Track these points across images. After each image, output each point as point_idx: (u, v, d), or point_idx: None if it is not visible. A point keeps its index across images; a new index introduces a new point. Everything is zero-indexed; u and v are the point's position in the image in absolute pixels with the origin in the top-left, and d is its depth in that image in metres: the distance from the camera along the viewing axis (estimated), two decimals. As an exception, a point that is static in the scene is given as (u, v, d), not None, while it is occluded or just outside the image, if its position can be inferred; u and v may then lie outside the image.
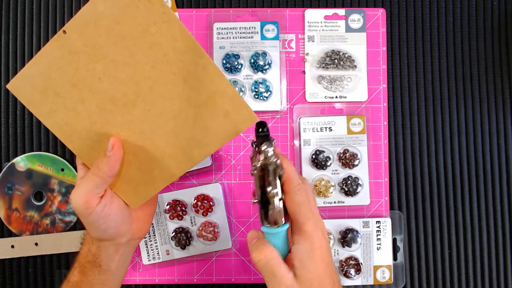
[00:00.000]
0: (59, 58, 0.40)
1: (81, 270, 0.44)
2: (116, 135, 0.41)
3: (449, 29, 0.61)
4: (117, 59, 0.39)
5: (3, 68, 0.60)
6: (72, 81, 0.40)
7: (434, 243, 0.59)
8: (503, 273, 0.59)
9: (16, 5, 0.60)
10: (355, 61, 0.59)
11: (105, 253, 0.44)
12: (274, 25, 0.59)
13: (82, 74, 0.40)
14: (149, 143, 0.41)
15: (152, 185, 0.42)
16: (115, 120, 0.41)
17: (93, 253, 0.44)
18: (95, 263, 0.44)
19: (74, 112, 0.41)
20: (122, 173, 0.42)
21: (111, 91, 0.40)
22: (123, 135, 0.41)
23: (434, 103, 0.60)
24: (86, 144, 0.42)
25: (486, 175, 0.60)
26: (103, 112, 0.41)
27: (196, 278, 0.58)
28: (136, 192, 0.43)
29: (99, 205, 0.40)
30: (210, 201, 0.57)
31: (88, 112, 0.41)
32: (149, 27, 0.38)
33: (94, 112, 0.41)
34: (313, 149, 0.58)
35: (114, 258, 0.44)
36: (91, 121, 0.41)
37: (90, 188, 0.40)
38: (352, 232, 0.57)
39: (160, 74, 0.39)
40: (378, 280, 0.57)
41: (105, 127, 0.41)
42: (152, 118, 0.40)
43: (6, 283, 0.59)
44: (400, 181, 0.59)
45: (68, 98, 0.41)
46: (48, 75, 0.40)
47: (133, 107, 0.40)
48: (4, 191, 0.58)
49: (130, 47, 0.39)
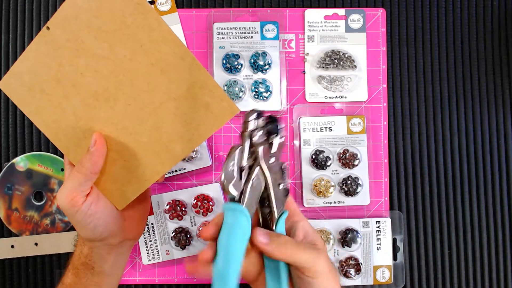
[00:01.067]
0: (44, 54, 0.40)
1: (74, 272, 0.44)
2: (99, 131, 0.41)
3: (449, 29, 0.61)
4: (98, 53, 0.39)
5: (3, 68, 0.60)
6: (57, 77, 0.40)
7: (434, 243, 0.59)
8: (503, 273, 0.59)
9: (16, 5, 0.60)
10: (355, 61, 0.59)
11: (97, 255, 0.43)
12: (274, 25, 0.59)
13: (65, 69, 0.40)
14: (132, 139, 0.40)
15: (137, 184, 0.42)
16: (98, 116, 0.40)
17: (85, 255, 0.43)
18: (87, 265, 0.43)
19: (59, 109, 0.41)
20: (107, 172, 0.42)
21: (93, 86, 0.40)
22: (106, 131, 0.41)
23: (434, 103, 0.60)
24: (72, 141, 0.41)
25: (486, 175, 0.60)
26: (86, 107, 0.40)
27: (196, 278, 0.58)
28: (121, 192, 0.42)
29: (85, 203, 0.40)
30: (210, 201, 0.57)
31: (73, 108, 0.41)
32: (125, 18, 0.38)
33: (78, 108, 0.41)
34: (313, 149, 0.58)
35: (107, 259, 0.44)
36: (76, 117, 0.41)
37: (75, 185, 0.39)
38: (352, 232, 0.57)
39: (137, 65, 0.39)
40: (378, 280, 0.57)
41: (89, 123, 0.41)
42: (133, 112, 0.40)
43: (6, 283, 0.59)
44: (400, 181, 0.59)
45: (54, 94, 0.40)
46: (34, 72, 0.40)
47: (115, 102, 0.40)
48: (4, 191, 0.58)
49: (109, 40, 0.39)
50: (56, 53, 0.40)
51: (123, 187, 0.42)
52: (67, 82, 0.40)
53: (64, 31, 0.39)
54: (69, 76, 0.40)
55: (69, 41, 0.39)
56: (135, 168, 0.41)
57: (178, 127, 0.39)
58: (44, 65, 0.40)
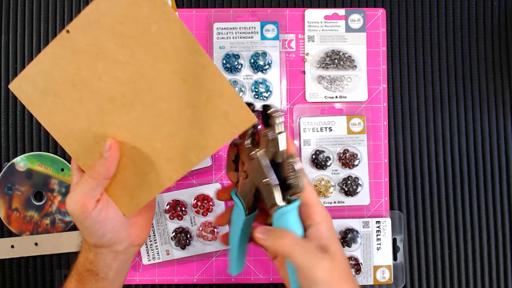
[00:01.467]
0: (61, 58, 0.40)
1: (78, 278, 0.43)
2: (113, 136, 0.41)
3: (449, 29, 0.61)
4: (118, 59, 0.39)
5: (3, 68, 0.60)
6: (73, 80, 0.40)
7: (434, 243, 0.59)
8: (503, 273, 0.59)
9: (16, 5, 0.60)
10: (355, 61, 0.59)
11: (102, 261, 0.43)
12: (274, 25, 0.59)
13: (82, 73, 0.40)
14: (145, 145, 0.40)
15: (146, 190, 0.41)
16: (113, 121, 0.40)
17: (90, 261, 0.43)
18: (92, 272, 0.43)
19: (72, 113, 0.41)
20: (117, 177, 0.41)
21: (111, 91, 0.40)
22: (120, 137, 0.41)
23: (434, 103, 0.60)
24: (83, 146, 0.41)
25: (486, 175, 0.60)
26: (101, 112, 0.40)
27: (196, 278, 0.58)
28: (131, 198, 0.42)
29: (95, 210, 0.39)
30: (210, 201, 0.57)
31: (86, 112, 0.41)
32: (150, 26, 0.38)
33: (92, 112, 0.40)
34: (313, 149, 0.58)
35: (112, 266, 0.43)
36: (89, 122, 0.41)
37: (86, 191, 0.39)
38: (352, 232, 0.57)
39: (159, 72, 0.39)
40: (378, 280, 0.57)
41: (103, 128, 0.41)
42: (150, 119, 0.40)
43: (6, 283, 0.59)
44: (400, 181, 0.59)
45: (67, 98, 0.40)
46: (49, 75, 0.40)
47: (131, 108, 0.40)
48: (4, 191, 0.58)
49: (131, 46, 0.39)
50: (74, 57, 0.39)
51: (132, 193, 0.42)
52: (83, 86, 0.40)
53: (85, 35, 0.39)
54: (85, 80, 0.40)
55: (89, 45, 0.39)
56: (146, 175, 0.41)
57: (194, 134, 0.39)
58: (60, 68, 0.40)
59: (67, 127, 0.41)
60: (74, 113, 0.41)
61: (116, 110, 0.40)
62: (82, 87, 0.40)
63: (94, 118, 0.41)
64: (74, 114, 0.41)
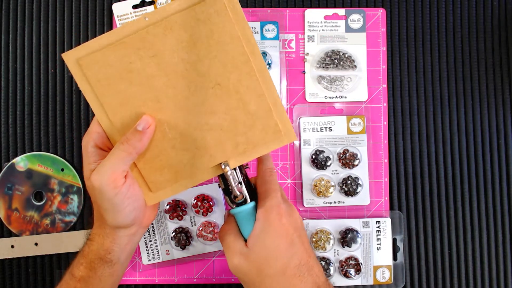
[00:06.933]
0: (137, 48, 0.40)
1: (88, 266, 0.43)
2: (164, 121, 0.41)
3: (449, 29, 0.61)
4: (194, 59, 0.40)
5: (3, 68, 0.60)
6: (129, 71, 0.40)
7: (434, 243, 0.59)
8: (503, 273, 0.59)
9: (16, 5, 0.60)
10: (355, 61, 0.59)
11: (118, 246, 0.43)
12: (274, 25, 0.59)
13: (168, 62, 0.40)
14: (196, 137, 0.42)
15: (183, 181, 0.43)
16: (167, 109, 0.41)
17: (105, 248, 0.43)
18: (106, 259, 0.43)
19: (135, 89, 0.41)
20: (161, 159, 0.42)
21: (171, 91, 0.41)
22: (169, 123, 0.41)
23: (434, 103, 0.60)
24: (124, 121, 0.41)
25: (486, 175, 0.60)
26: (157, 104, 0.41)
27: (196, 278, 0.58)
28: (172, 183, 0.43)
29: (125, 185, 0.39)
30: (210, 201, 0.57)
31: (140, 101, 0.41)
32: (226, 46, 0.40)
33: (150, 98, 0.41)
34: (313, 149, 0.58)
35: (125, 249, 0.44)
36: (145, 105, 0.41)
37: (117, 165, 0.38)
38: (352, 232, 0.57)
39: (225, 82, 0.41)
40: (378, 280, 0.57)
41: (154, 114, 0.41)
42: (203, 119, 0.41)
43: (6, 283, 0.59)
44: (400, 181, 0.59)
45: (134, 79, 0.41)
46: (120, 60, 0.40)
47: (187, 111, 0.41)
48: (4, 191, 0.58)
49: (198, 53, 0.40)
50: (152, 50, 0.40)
51: (177, 176, 0.43)
52: (140, 80, 0.41)
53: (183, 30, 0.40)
54: (168, 69, 0.40)
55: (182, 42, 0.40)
56: (192, 165, 0.42)
57: (241, 140, 0.42)
58: (138, 56, 0.40)
59: (121, 100, 0.41)
60: (126, 99, 0.41)
61: (171, 103, 0.41)
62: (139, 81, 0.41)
63: (151, 104, 0.41)
64: (126, 99, 0.41)
